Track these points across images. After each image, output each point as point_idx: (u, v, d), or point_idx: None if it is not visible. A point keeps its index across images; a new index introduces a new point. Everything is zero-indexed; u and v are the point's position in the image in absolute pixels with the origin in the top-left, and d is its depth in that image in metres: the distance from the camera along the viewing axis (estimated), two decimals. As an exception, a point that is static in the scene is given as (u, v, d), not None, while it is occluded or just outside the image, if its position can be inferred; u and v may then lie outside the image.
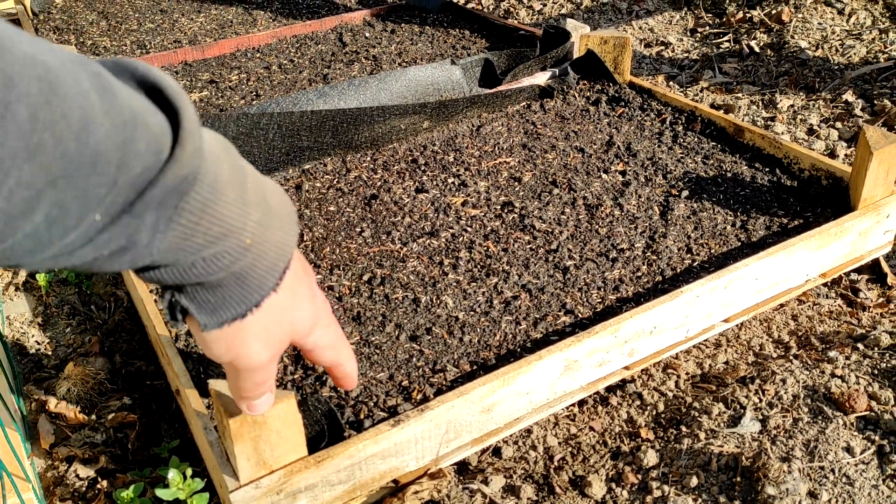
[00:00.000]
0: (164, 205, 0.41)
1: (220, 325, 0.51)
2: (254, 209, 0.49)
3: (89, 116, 0.36)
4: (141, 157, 0.39)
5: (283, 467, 0.81)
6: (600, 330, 0.98)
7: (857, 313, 1.21)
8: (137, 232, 0.41)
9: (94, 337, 1.19)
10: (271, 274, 0.52)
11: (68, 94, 0.35)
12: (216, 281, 0.49)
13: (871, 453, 0.93)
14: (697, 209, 1.28)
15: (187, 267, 0.47)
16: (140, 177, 0.40)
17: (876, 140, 1.18)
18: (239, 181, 0.48)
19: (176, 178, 0.41)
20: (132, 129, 0.39)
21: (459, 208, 1.30)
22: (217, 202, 0.45)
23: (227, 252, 0.48)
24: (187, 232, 0.44)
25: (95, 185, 0.37)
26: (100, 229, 0.39)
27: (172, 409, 1.08)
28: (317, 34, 2.10)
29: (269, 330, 0.54)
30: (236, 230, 0.47)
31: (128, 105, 0.39)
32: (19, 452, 0.89)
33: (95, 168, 0.37)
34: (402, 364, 1.00)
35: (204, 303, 0.50)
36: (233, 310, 0.51)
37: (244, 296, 0.51)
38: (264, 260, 0.51)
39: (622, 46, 1.66)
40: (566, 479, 0.96)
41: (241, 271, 0.50)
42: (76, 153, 0.35)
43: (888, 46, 1.99)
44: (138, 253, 0.42)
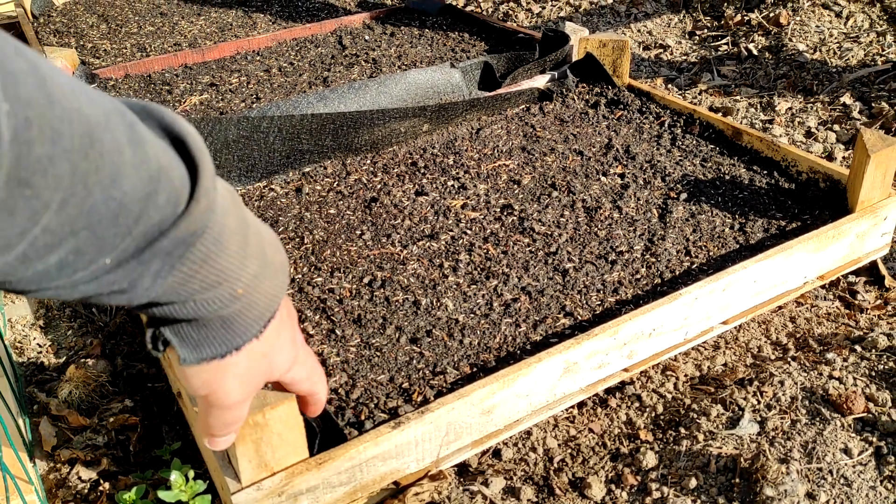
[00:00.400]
0: (171, 255, 0.43)
1: (198, 361, 0.53)
2: (252, 261, 0.51)
3: (120, 171, 0.38)
4: (160, 209, 0.41)
5: (285, 469, 0.82)
6: (599, 332, 0.99)
7: (854, 315, 1.22)
8: (141, 277, 0.43)
9: (95, 339, 1.20)
10: (257, 322, 0.54)
11: (104, 150, 0.36)
12: (202, 321, 0.51)
13: (868, 455, 0.94)
14: (696, 212, 1.29)
15: (178, 307, 0.48)
16: (154, 228, 0.41)
17: (873, 143, 1.19)
18: (242, 233, 0.50)
19: (187, 231, 0.43)
20: (157, 182, 0.40)
21: (459, 211, 1.31)
22: (219, 254, 0.47)
23: (218, 298, 0.49)
24: (185, 279, 0.46)
25: (113, 234, 0.39)
26: (106, 271, 0.41)
27: (174, 411, 1.08)
28: (316, 37, 2.11)
29: (246, 372, 0.56)
30: (231, 280, 0.49)
31: (156, 159, 0.41)
32: (22, 455, 0.90)
33: (117, 220, 0.38)
34: (402, 366, 1.00)
35: (186, 338, 0.52)
36: (214, 349, 0.53)
37: (227, 338, 0.53)
38: (253, 309, 0.53)
39: (621, 49, 1.66)
40: (566, 480, 0.96)
41: (228, 316, 0.52)
42: (103, 206, 0.37)
43: (886, 49, 2.00)
44: (136, 295, 0.44)
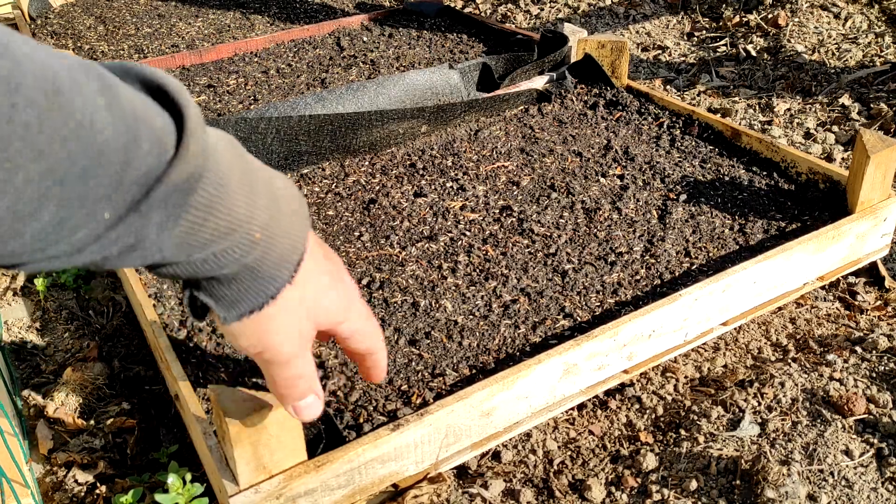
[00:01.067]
0: (170, 203, 0.42)
1: (238, 317, 0.52)
2: (261, 200, 0.49)
3: (94, 119, 0.37)
4: (145, 157, 0.40)
5: (283, 472, 0.81)
6: (599, 334, 0.99)
7: (854, 316, 1.22)
8: (144, 229, 0.42)
9: (92, 342, 1.19)
10: (284, 266, 0.52)
11: (73, 98, 0.36)
12: (230, 274, 0.50)
13: (869, 456, 0.93)
14: (695, 213, 1.29)
15: (199, 263, 0.47)
16: (145, 176, 0.40)
17: (873, 144, 1.19)
18: (247, 177, 0.49)
19: (181, 176, 0.42)
20: (135, 130, 0.39)
21: (458, 212, 1.30)
22: (224, 198, 0.46)
23: (236, 246, 0.48)
24: (194, 228, 0.45)
25: (101, 184, 0.38)
26: (108, 227, 0.40)
27: (171, 414, 1.07)
28: (314, 38, 2.11)
29: (292, 321, 0.55)
30: (244, 224, 0.48)
31: (131, 107, 0.40)
32: (18, 458, 0.89)
33: (101, 168, 0.38)
34: (401, 368, 1.00)
35: (221, 297, 0.51)
36: (249, 302, 0.52)
37: (259, 288, 0.52)
38: (275, 252, 0.51)
39: (619, 50, 1.66)
40: (566, 482, 0.96)
41: (252, 264, 0.50)
42: (81, 154, 0.36)
43: (884, 50, 2.00)
44: (147, 250, 0.43)
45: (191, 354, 1.03)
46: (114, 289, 1.31)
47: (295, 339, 0.56)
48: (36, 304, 1.30)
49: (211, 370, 1.00)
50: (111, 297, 1.29)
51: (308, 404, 0.63)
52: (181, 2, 2.55)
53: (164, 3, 2.55)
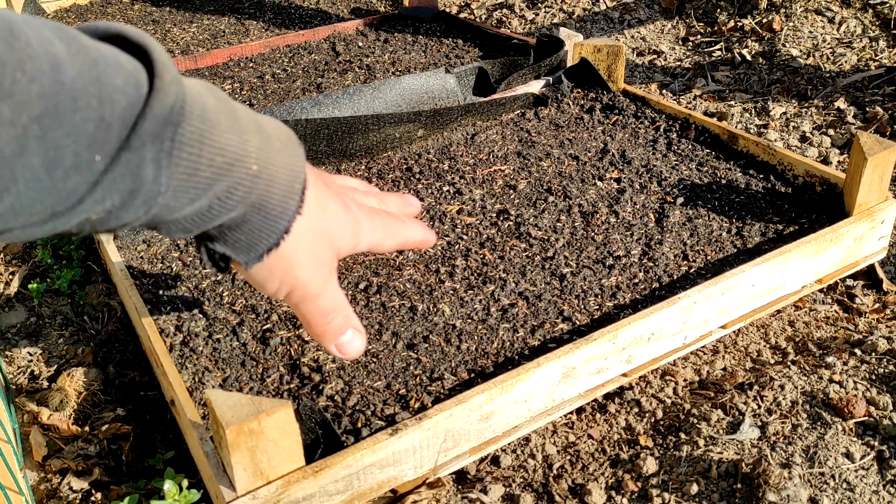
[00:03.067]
0: (159, 136, 0.42)
1: (258, 258, 0.52)
2: (251, 135, 0.49)
3: (57, 58, 0.37)
4: (121, 91, 0.40)
5: (281, 477, 0.80)
6: (598, 337, 0.98)
7: (853, 319, 1.21)
8: (140, 168, 0.41)
9: (87, 348, 1.18)
10: (290, 197, 0.52)
11: (31, 40, 0.36)
12: (238, 218, 0.50)
13: (870, 459, 0.93)
14: (693, 216, 1.28)
15: (205, 210, 0.47)
16: (127, 111, 0.40)
17: (870, 146, 1.19)
18: (228, 111, 0.48)
19: (163, 107, 0.42)
20: (104, 66, 0.39)
21: (455, 216, 1.30)
22: (212, 131, 0.45)
23: (237, 184, 0.48)
24: (191, 166, 0.44)
25: (81, 119, 0.38)
26: (102, 171, 0.40)
27: (167, 420, 1.06)
28: (310, 44, 2.10)
29: (311, 253, 0.55)
30: (240, 158, 0.48)
31: (94, 47, 0.40)
32: (12, 465, 0.88)
33: (76, 103, 0.37)
34: (399, 372, 0.99)
35: (236, 242, 0.51)
36: (265, 241, 0.52)
37: (270, 225, 0.51)
38: (277, 184, 0.51)
39: (616, 55, 1.66)
40: (565, 487, 0.95)
41: (258, 201, 0.50)
42: (52, 90, 0.36)
43: (879, 55, 2.01)
44: (148, 192, 0.42)
45: (187, 359, 1.02)
46: (108, 294, 1.30)
47: (320, 270, 0.56)
48: (30, 310, 1.29)
49: (207, 375, 0.99)
50: (106, 303, 1.28)
51: (349, 340, 0.63)
52: (175, 7, 2.55)
53: (159, 8, 2.55)
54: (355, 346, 0.64)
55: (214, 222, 0.49)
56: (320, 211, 0.56)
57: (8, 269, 1.38)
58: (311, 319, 0.60)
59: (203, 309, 1.11)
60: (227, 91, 1.81)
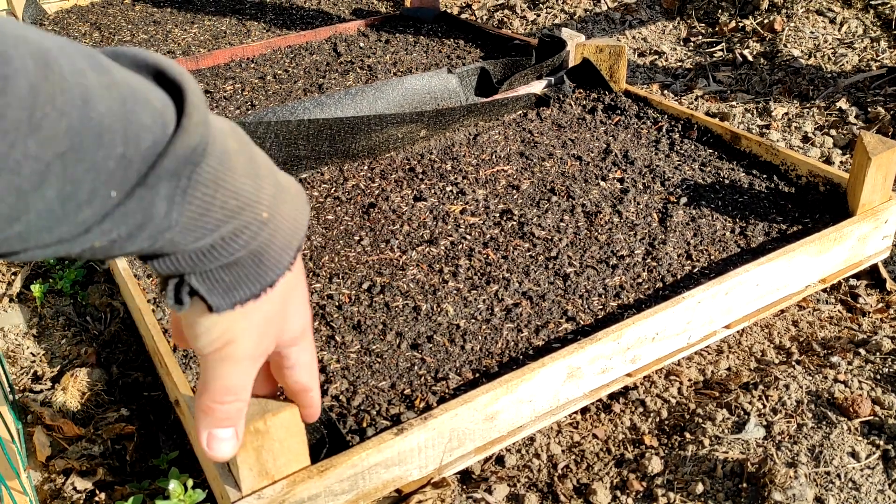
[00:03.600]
0: (176, 175, 0.41)
1: (232, 305, 0.49)
2: (266, 183, 0.48)
3: (88, 92, 0.36)
4: (147, 129, 0.39)
5: (286, 477, 0.80)
6: (603, 337, 0.98)
7: (857, 319, 1.21)
8: (153, 205, 0.41)
9: (90, 348, 1.18)
10: (286, 251, 0.51)
11: (64, 71, 0.35)
12: (234, 260, 0.48)
13: (876, 458, 0.93)
14: (696, 216, 1.28)
15: (206, 249, 0.46)
16: (149, 150, 0.40)
17: (874, 146, 1.19)
18: (248, 155, 0.48)
19: (186, 147, 0.41)
20: (133, 103, 0.39)
21: (458, 216, 1.30)
22: (229, 173, 0.45)
23: (245, 227, 0.47)
24: (204, 205, 0.43)
25: (103, 157, 0.37)
26: (115, 205, 0.39)
27: (171, 420, 1.06)
28: (311, 44, 2.10)
29: (266, 323, 0.52)
30: (252, 203, 0.47)
31: (125, 82, 0.39)
32: (16, 465, 0.88)
33: (101, 140, 0.37)
34: (403, 372, 0.99)
35: (217, 282, 0.48)
36: (247, 289, 0.49)
37: (260, 275, 0.49)
38: (280, 236, 0.50)
39: (617, 55, 1.66)
40: (570, 486, 0.95)
41: (258, 248, 0.48)
42: (80, 126, 0.36)
43: (880, 55, 2.01)
44: (157, 227, 0.42)
45: (191, 359, 1.02)
46: (111, 295, 1.30)
47: (261, 342, 0.53)
48: (32, 310, 1.29)
49: (211, 375, 0.99)
50: (109, 304, 1.28)
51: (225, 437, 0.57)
52: (177, 8, 2.55)
53: (160, 9, 2.55)
54: (227, 446, 0.58)
55: (211, 264, 0.47)
56: (294, 285, 0.54)
57: (10, 270, 1.38)
58: (214, 385, 0.54)
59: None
60: (228, 92, 1.81)
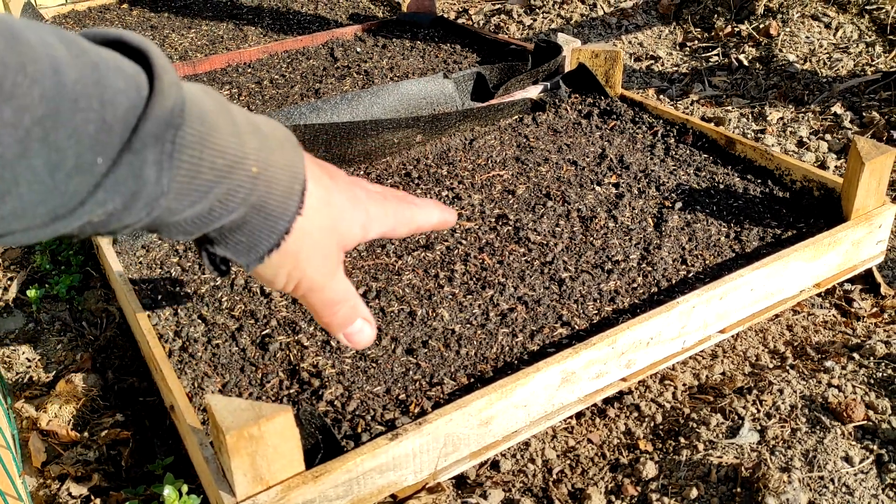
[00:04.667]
0: (160, 138, 0.42)
1: (259, 260, 0.52)
2: (249, 137, 0.50)
3: (58, 61, 0.37)
4: (122, 93, 0.40)
5: (281, 483, 0.80)
6: (598, 341, 0.98)
7: (851, 323, 1.22)
8: (142, 169, 0.41)
9: (85, 353, 1.18)
10: (290, 198, 0.52)
11: (32, 42, 0.36)
12: (238, 219, 0.50)
13: (869, 462, 0.93)
14: (691, 220, 1.29)
15: (205, 213, 0.47)
16: (128, 113, 0.40)
17: (867, 151, 1.19)
18: (226, 114, 0.49)
19: (164, 109, 0.42)
20: (105, 69, 0.40)
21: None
22: (212, 134, 0.46)
23: (238, 185, 0.48)
24: (193, 168, 0.44)
25: (83, 121, 0.38)
26: (104, 173, 0.40)
27: (166, 425, 1.06)
28: (308, 49, 2.11)
29: (316, 247, 0.55)
30: (240, 160, 0.48)
31: (94, 51, 0.40)
32: (11, 471, 0.88)
33: (78, 104, 0.38)
34: (398, 377, 0.99)
35: (237, 245, 0.51)
36: (265, 242, 0.52)
37: (271, 226, 0.52)
38: (277, 185, 0.51)
39: (613, 60, 1.67)
40: (565, 492, 0.95)
41: (258, 202, 0.50)
42: (53, 92, 0.36)
43: (875, 60, 2.01)
44: (150, 195, 0.42)
45: (186, 365, 1.02)
46: (107, 300, 1.30)
47: (326, 262, 0.57)
48: (28, 315, 1.29)
49: (206, 381, 0.99)
50: (104, 309, 1.28)
51: (357, 329, 0.63)
52: (174, 13, 2.55)
53: (157, 14, 2.55)
54: (365, 335, 0.65)
55: (214, 224, 0.49)
56: (325, 207, 0.56)
57: (6, 275, 1.38)
58: (319, 310, 0.61)
59: (202, 314, 1.11)
60: (225, 96, 1.82)
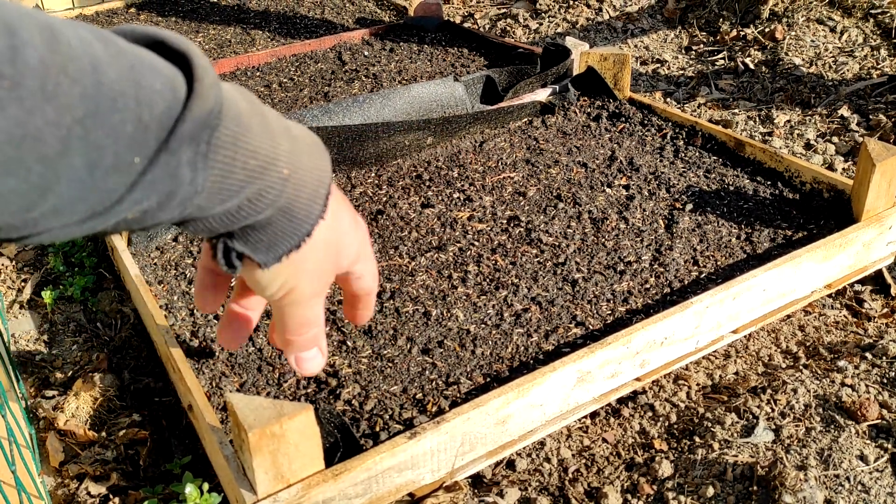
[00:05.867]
0: (196, 139, 0.43)
1: (277, 259, 0.52)
2: (282, 139, 0.50)
3: (97, 60, 0.38)
4: (159, 94, 0.41)
5: (301, 481, 0.81)
6: (612, 341, 0.99)
7: (862, 323, 1.22)
8: (178, 169, 0.42)
9: (101, 354, 1.19)
10: (315, 202, 0.53)
11: (71, 42, 0.37)
12: (265, 220, 0.50)
13: (884, 461, 0.93)
14: (702, 222, 1.29)
15: (234, 211, 0.48)
16: (164, 115, 0.41)
17: (878, 152, 1.20)
18: (260, 116, 0.49)
19: (203, 111, 0.43)
20: (141, 70, 0.40)
21: (466, 223, 1.31)
22: (246, 135, 0.46)
23: (269, 187, 0.49)
24: (226, 169, 0.45)
25: (120, 121, 0.39)
26: (140, 172, 0.41)
27: (183, 425, 1.07)
28: (316, 53, 2.12)
29: (319, 260, 0.56)
30: (272, 162, 0.48)
31: (131, 50, 0.41)
32: (32, 470, 0.89)
33: (116, 104, 0.38)
34: (415, 377, 1.00)
35: (257, 242, 0.51)
36: (287, 243, 0.52)
37: (294, 228, 0.52)
38: (305, 188, 0.52)
39: (622, 63, 1.68)
40: (581, 490, 0.96)
41: (286, 205, 0.51)
42: (93, 91, 0.37)
43: (880, 63, 2.02)
44: (185, 194, 0.43)
45: (203, 364, 1.02)
46: (121, 301, 1.31)
47: (320, 280, 0.57)
48: (43, 316, 1.30)
49: (224, 380, 1.00)
50: (119, 310, 1.29)
51: (311, 357, 0.63)
52: (181, 18, 2.56)
53: (164, 18, 2.56)
54: (315, 363, 0.64)
55: (241, 223, 0.50)
56: (336, 221, 0.57)
57: (20, 277, 1.39)
58: (291, 326, 0.60)
59: (218, 314, 1.11)
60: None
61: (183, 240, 1.29)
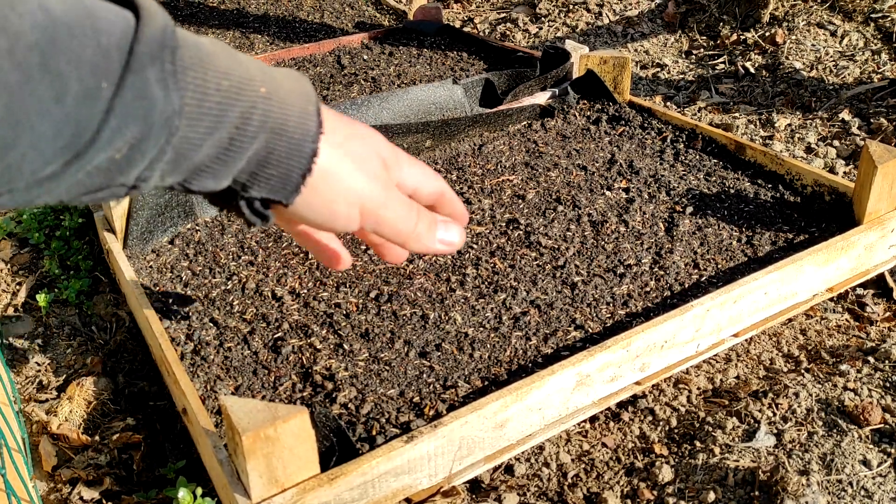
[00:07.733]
0: (158, 58, 0.42)
1: (296, 190, 0.50)
2: (251, 65, 0.49)
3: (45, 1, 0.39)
4: (112, 23, 0.41)
5: (296, 485, 0.80)
6: (612, 344, 0.98)
7: (864, 327, 1.21)
8: (147, 89, 0.42)
9: (95, 357, 1.18)
10: (307, 118, 0.51)
11: None
12: (262, 149, 0.49)
13: (888, 466, 0.92)
14: (702, 225, 1.28)
15: (226, 143, 0.46)
16: (121, 39, 0.41)
17: (880, 154, 1.19)
18: (224, 48, 0.49)
19: (153, 30, 0.43)
20: (92, 5, 0.41)
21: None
22: (211, 58, 0.46)
23: (252, 107, 0.47)
24: (199, 89, 0.44)
25: (79, 46, 0.39)
26: (110, 97, 0.40)
27: (177, 429, 1.06)
28: (315, 57, 2.11)
29: (357, 163, 0.53)
30: (246, 81, 0.47)
31: None
32: (24, 475, 0.87)
33: (72, 31, 0.39)
34: (412, 380, 0.99)
35: (269, 179, 0.49)
36: (296, 169, 0.50)
37: (296, 149, 0.50)
38: (291, 107, 0.50)
39: (622, 66, 1.67)
40: (581, 495, 0.94)
41: (276, 126, 0.49)
42: (46, 22, 0.38)
43: (881, 67, 2.02)
44: (163, 113, 0.43)
45: (198, 368, 1.01)
46: (116, 304, 1.30)
47: (374, 179, 0.54)
48: (37, 320, 1.29)
49: (219, 384, 0.99)
50: (114, 313, 1.28)
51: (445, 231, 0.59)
52: (180, 21, 2.56)
53: (164, 23, 2.56)
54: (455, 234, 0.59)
55: (239, 158, 0.48)
56: (349, 128, 0.54)
57: (15, 280, 1.38)
58: (400, 225, 0.56)
59: (213, 318, 1.10)
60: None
61: (179, 242, 1.28)
